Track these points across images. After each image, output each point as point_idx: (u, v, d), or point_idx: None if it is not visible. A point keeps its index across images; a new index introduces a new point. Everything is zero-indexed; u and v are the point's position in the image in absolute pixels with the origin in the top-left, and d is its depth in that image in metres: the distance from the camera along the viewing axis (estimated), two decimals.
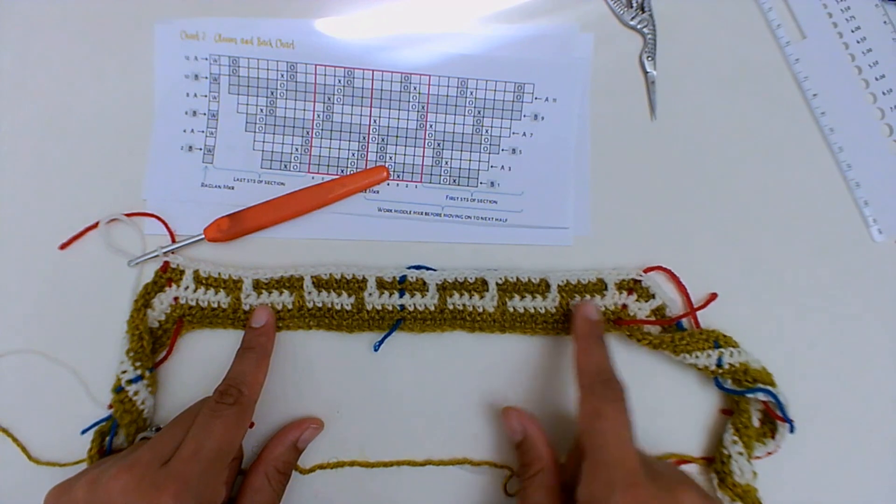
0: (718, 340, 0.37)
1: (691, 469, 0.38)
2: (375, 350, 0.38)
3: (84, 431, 0.37)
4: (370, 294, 0.37)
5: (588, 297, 0.38)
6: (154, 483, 0.29)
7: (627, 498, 0.28)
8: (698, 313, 0.39)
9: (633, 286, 0.38)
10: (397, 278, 0.38)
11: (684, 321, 0.38)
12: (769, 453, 0.36)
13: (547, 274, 0.38)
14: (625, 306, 0.38)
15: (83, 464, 0.36)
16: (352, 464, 0.38)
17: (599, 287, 0.38)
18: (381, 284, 0.38)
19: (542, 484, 0.33)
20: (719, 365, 0.36)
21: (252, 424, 0.37)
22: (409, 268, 0.38)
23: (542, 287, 0.38)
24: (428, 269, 0.38)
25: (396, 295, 0.38)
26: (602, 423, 0.31)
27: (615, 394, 0.32)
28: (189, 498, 0.29)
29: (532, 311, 0.38)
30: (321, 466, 0.38)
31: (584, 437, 0.31)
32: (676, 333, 0.37)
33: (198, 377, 0.38)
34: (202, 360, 0.38)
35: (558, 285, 0.38)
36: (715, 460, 0.37)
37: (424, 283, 0.38)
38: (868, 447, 0.38)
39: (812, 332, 0.39)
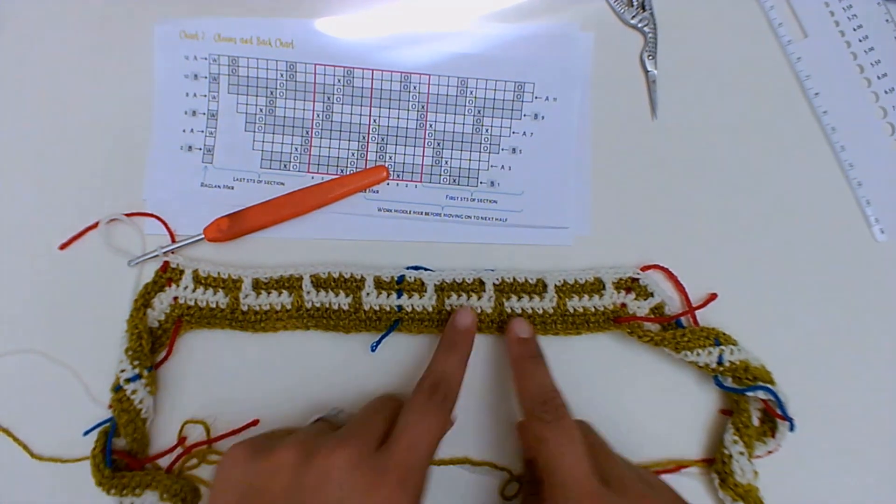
0: (719, 338, 0.37)
1: (691, 472, 0.38)
2: (373, 350, 0.38)
3: (87, 433, 0.37)
4: (368, 294, 0.38)
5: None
6: (376, 466, 0.29)
7: None
8: (697, 313, 0.39)
9: (631, 285, 0.39)
10: (395, 278, 0.38)
11: (683, 320, 0.38)
12: (770, 452, 0.37)
13: (544, 274, 0.39)
14: (623, 305, 0.39)
15: (86, 462, 0.36)
16: None
17: (597, 286, 0.39)
18: (380, 284, 0.38)
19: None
20: (720, 363, 0.37)
21: (257, 422, 0.38)
22: (407, 268, 0.39)
23: (539, 287, 0.39)
24: (426, 269, 0.39)
25: (394, 295, 0.38)
26: (546, 448, 0.31)
27: (553, 414, 0.33)
28: (410, 488, 0.29)
29: (529, 311, 0.38)
30: None
31: (537, 464, 0.32)
32: (678, 331, 0.37)
33: (197, 377, 0.39)
34: (201, 360, 0.39)
35: (555, 285, 0.38)
36: (715, 461, 0.37)
37: (422, 284, 0.38)
38: (869, 446, 0.39)
39: (813, 331, 0.40)
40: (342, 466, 0.29)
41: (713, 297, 0.39)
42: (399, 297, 0.38)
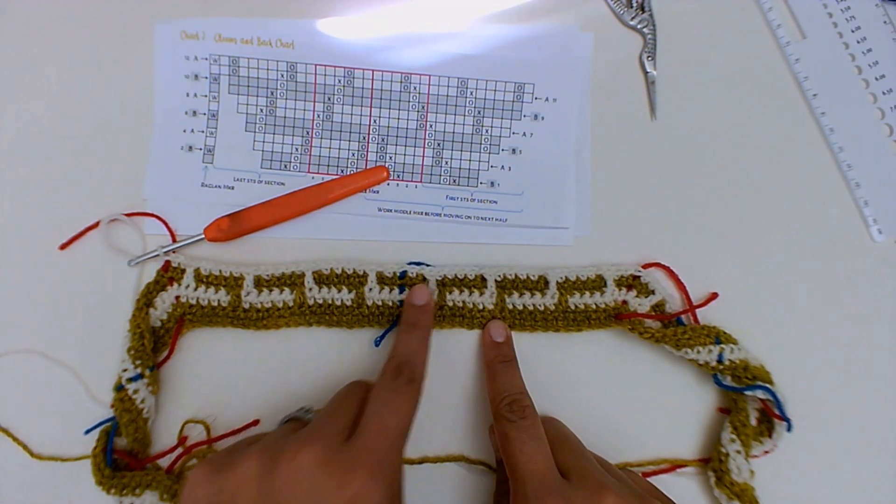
0: (720, 337, 0.38)
1: (687, 471, 0.39)
2: (377, 345, 0.39)
3: (88, 431, 0.38)
4: (370, 289, 0.39)
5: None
6: (344, 460, 0.29)
7: None
8: (698, 312, 0.40)
9: (632, 282, 0.40)
10: (398, 274, 0.39)
11: (683, 318, 0.39)
12: (766, 452, 0.38)
13: (545, 271, 0.40)
14: (625, 302, 0.39)
15: (86, 461, 0.37)
16: None
17: (598, 283, 0.40)
18: (382, 280, 0.39)
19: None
20: (720, 361, 0.37)
21: (257, 422, 0.38)
22: (409, 264, 0.40)
23: (540, 284, 0.39)
24: (428, 265, 0.40)
25: (397, 290, 0.39)
26: (509, 445, 0.33)
27: (518, 414, 0.34)
28: (382, 477, 0.29)
29: (531, 308, 0.39)
30: None
31: (504, 464, 0.33)
32: (678, 328, 0.38)
33: (199, 377, 0.40)
34: (203, 359, 0.40)
35: (557, 282, 0.39)
36: (712, 459, 0.38)
37: (424, 279, 0.39)
38: (866, 447, 0.40)
39: (811, 331, 0.41)
40: (308, 467, 0.28)
41: (714, 296, 0.40)
42: (401, 292, 0.39)
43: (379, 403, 0.31)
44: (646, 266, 0.40)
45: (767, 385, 0.37)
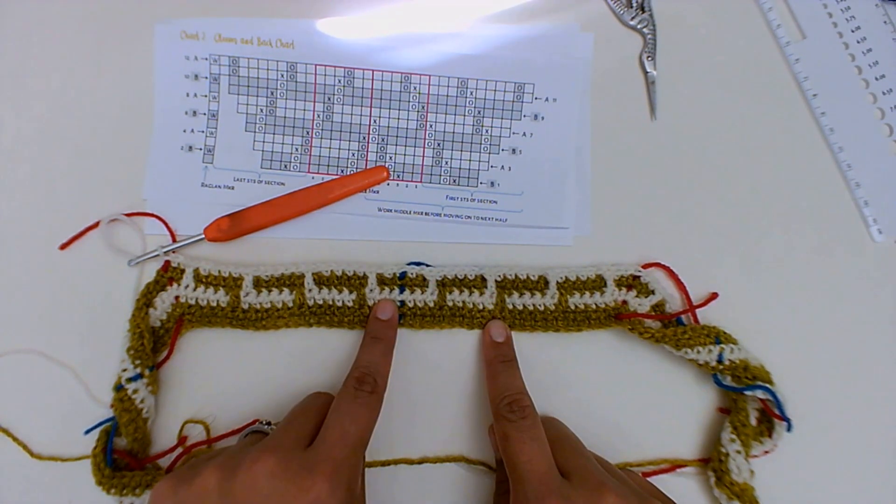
0: (720, 337, 0.38)
1: (687, 471, 0.39)
2: None
3: (88, 431, 0.38)
4: (371, 290, 0.39)
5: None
6: (304, 466, 0.29)
7: None
8: (698, 312, 0.40)
9: (632, 282, 0.40)
10: (397, 274, 0.39)
11: (683, 318, 0.39)
12: (766, 452, 0.38)
13: (546, 271, 0.40)
14: (625, 302, 0.40)
15: (86, 460, 0.37)
16: None
17: (598, 283, 0.40)
18: (382, 281, 0.39)
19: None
20: (720, 361, 0.38)
21: (256, 422, 0.39)
22: (408, 264, 0.40)
23: (540, 284, 0.39)
24: (428, 266, 0.40)
25: (397, 291, 0.39)
26: (509, 446, 0.33)
27: (518, 414, 0.34)
28: (342, 482, 0.29)
29: (531, 308, 0.39)
30: None
31: (504, 464, 0.33)
32: (678, 328, 0.38)
33: (198, 377, 0.40)
34: (203, 359, 0.40)
35: (557, 282, 0.39)
36: (712, 459, 0.38)
37: (424, 280, 0.39)
38: (866, 447, 0.40)
39: (811, 331, 0.41)
40: (266, 474, 0.29)
41: (714, 296, 0.40)
42: (401, 292, 0.39)
43: (339, 412, 0.32)
44: (646, 266, 0.40)
45: (767, 385, 0.37)
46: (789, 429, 0.37)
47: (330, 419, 0.32)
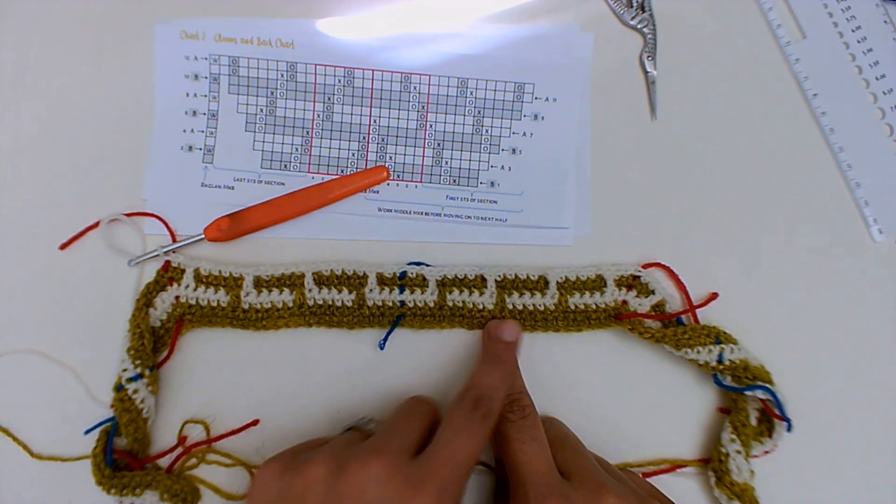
0: (720, 337, 0.38)
1: (687, 472, 0.39)
2: (381, 348, 0.39)
3: (88, 431, 0.38)
4: (371, 290, 0.39)
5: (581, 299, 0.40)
6: (413, 478, 0.29)
7: None
8: (698, 312, 0.40)
9: (632, 282, 0.40)
10: (397, 274, 0.39)
11: (683, 318, 0.39)
12: (766, 452, 0.38)
13: (546, 271, 0.40)
14: (625, 302, 0.40)
15: (86, 460, 0.37)
16: None
17: (599, 284, 0.40)
18: (382, 280, 0.39)
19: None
20: (720, 361, 0.38)
21: (257, 422, 0.39)
22: (408, 264, 0.40)
23: (540, 284, 0.40)
24: (427, 265, 0.40)
25: (396, 291, 0.39)
26: (509, 446, 0.33)
27: (518, 413, 0.34)
28: (451, 500, 0.29)
29: (531, 307, 0.39)
30: None
31: (505, 464, 0.33)
32: (679, 328, 0.38)
33: (198, 377, 0.40)
34: (203, 359, 0.40)
35: (557, 282, 0.40)
36: (712, 459, 0.38)
37: (424, 279, 0.39)
38: (866, 447, 0.40)
39: (811, 331, 0.41)
40: (376, 478, 0.28)
41: (714, 296, 0.40)
42: (401, 292, 0.39)
43: (453, 430, 0.32)
44: (646, 266, 0.40)
45: (767, 385, 0.37)
46: (789, 429, 0.37)
47: (442, 435, 0.31)
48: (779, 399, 0.37)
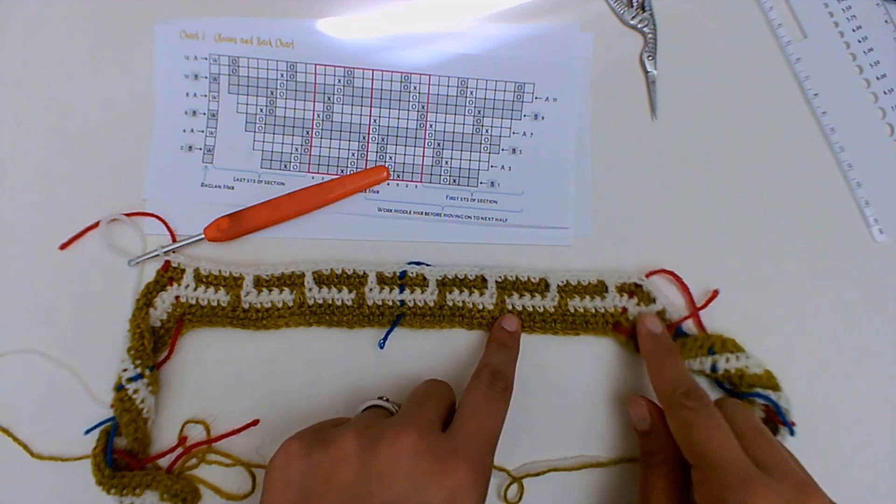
0: (714, 347, 0.38)
1: None
2: (381, 347, 0.39)
3: (88, 431, 0.38)
4: (371, 289, 0.39)
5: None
6: (446, 450, 0.29)
7: (743, 494, 0.29)
8: (701, 314, 0.40)
9: (633, 289, 0.40)
10: (398, 273, 0.40)
11: (686, 323, 0.40)
12: None
13: (547, 273, 0.40)
14: (625, 309, 0.40)
15: (86, 460, 0.37)
16: None
17: (600, 289, 0.40)
18: (382, 280, 0.40)
19: (666, 473, 0.35)
20: (714, 370, 0.38)
21: (257, 421, 0.39)
22: (408, 263, 0.40)
23: (541, 286, 0.40)
24: (428, 265, 0.40)
25: (397, 290, 0.39)
26: (694, 433, 0.32)
27: (698, 402, 0.34)
28: (482, 472, 0.29)
29: (531, 309, 0.40)
30: None
31: (685, 450, 0.33)
32: (677, 340, 0.39)
33: (198, 377, 0.40)
34: (203, 359, 0.40)
35: (558, 285, 0.40)
36: None
37: (424, 279, 0.40)
38: (866, 447, 0.40)
39: (812, 332, 0.41)
40: (409, 452, 0.28)
41: (715, 293, 0.40)
42: (401, 292, 0.39)
43: (475, 404, 0.32)
44: (649, 274, 0.40)
45: (768, 392, 0.37)
46: (792, 433, 0.37)
47: (466, 409, 0.32)
48: (778, 406, 0.37)
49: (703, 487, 0.31)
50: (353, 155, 0.42)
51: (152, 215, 0.41)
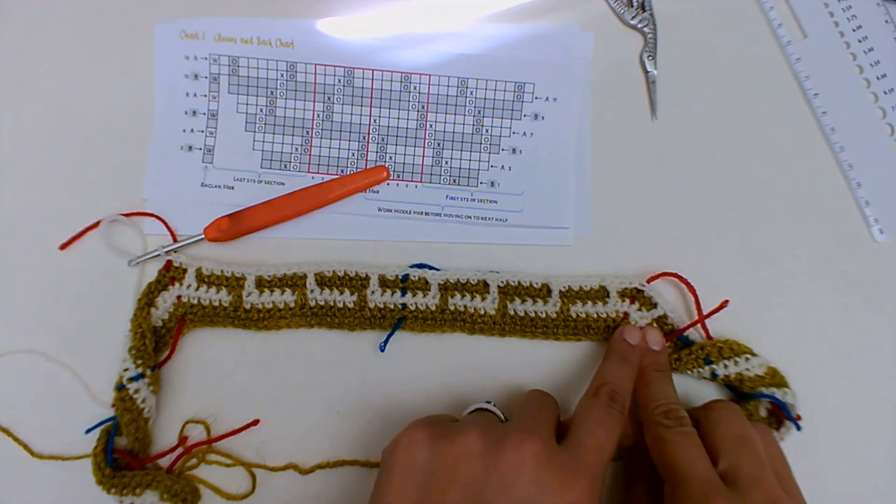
0: (710, 356, 0.38)
1: None
2: (382, 350, 0.39)
3: (88, 431, 0.38)
4: (373, 292, 0.39)
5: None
6: (567, 465, 0.29)
7: None
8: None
9: (635, 295, 0.40)
10: (400, 276, 0.40)
11: (687, 333, 0.40)
12: None
13: (549, 279, 0.40)
14: (626, 315, 0.40)
15: (86, 460, 0.37)
16: (352, 463, 0.39)
17: (601, 294, 0.40)
18: (384, 282, 0.40)
19: (645, 490, 0.35)
20: (714, 377, 0.38)
21: (257, 421, 0.39)
22: (411, 266, 0.40)
23: (543, 292, 0.40)
24: (431, 268, 0.40)
25: (398, 293, 0.39)
26: (666, 447, 0.33)
27: (675, 421, 0.34)
28: (597, 492, 0.29)
29: (532, 314, 0.40)
30: (321, 466, 0.39)
31: (658, 465, 0.33)
32: (673, 355, 0.39)
33: (199, 376, 0.40)
34: (204, 359, 0.40)
35: (560, 291, 0.40)
36: None
37: (426, 283, 0.40)
38: (868, 446, 0.40)
39: (813, 332, 0.41)
40: (534, 460, 0.29)
41: (724, 304, 0.39)
42: (403, 295, 0.39)
43: (594, 422, 0.32)
44: (652, 279, 0.40)
45: (771, 391, 0.37)
46: (798, 428, 0.37)
47: (584, 426, 0.32)
48: (782, 403, 0.37)
49: (670, 501, 0.32)
50: (353, 155, 0.42)
51: (152, 215, 0.41)
